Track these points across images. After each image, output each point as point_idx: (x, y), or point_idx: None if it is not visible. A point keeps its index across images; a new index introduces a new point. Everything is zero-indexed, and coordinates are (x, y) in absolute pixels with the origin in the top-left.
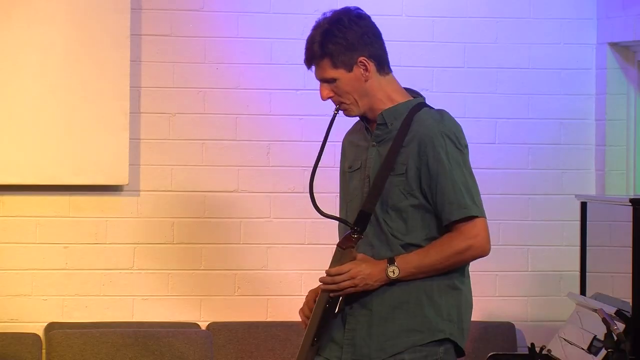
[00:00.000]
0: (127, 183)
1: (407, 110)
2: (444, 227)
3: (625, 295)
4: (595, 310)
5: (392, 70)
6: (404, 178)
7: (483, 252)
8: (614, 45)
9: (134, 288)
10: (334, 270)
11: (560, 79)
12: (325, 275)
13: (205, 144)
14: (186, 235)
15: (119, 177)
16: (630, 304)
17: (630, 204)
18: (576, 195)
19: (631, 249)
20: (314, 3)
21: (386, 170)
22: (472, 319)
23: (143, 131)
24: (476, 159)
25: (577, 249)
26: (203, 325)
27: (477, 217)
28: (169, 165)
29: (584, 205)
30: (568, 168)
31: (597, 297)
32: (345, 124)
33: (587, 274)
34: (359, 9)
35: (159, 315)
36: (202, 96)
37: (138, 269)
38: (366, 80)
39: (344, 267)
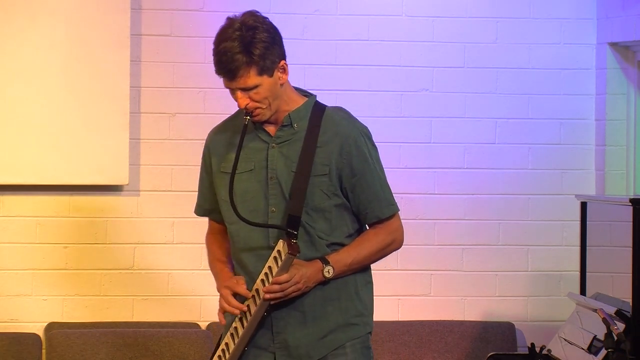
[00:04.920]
0: (127, 183)
1: (309, 110)
2: (368, 223)
3: (625, 295)
4: (595, 310)
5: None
6: (326, 179)
7: (401, 244)
8: (614, 45)
9: (134, 288)
10: (283, 278)
11: (560, 79)
12: (271, 284)
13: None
14: (186, 235)
15: (119, 177)
16: (630, 304)
17: (630, 204)
18: (576, 195)
19: (631, 249)
20: (314, 3)
21: (305, 172)
22: (472, 318)
23: (143, 131)
24: (476, 159)
25: (577, 249)
26: (203, 325)
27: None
28: (169, 165)
29: (584, 205)
30: (568, 168)
31: (597, 297)
32: None
33: (587, 274)
34: (257, 11)
35: (159, 315)
36: (202, 96)
37: (138, 269)
38: (282, 84)
39: (290, 275)
